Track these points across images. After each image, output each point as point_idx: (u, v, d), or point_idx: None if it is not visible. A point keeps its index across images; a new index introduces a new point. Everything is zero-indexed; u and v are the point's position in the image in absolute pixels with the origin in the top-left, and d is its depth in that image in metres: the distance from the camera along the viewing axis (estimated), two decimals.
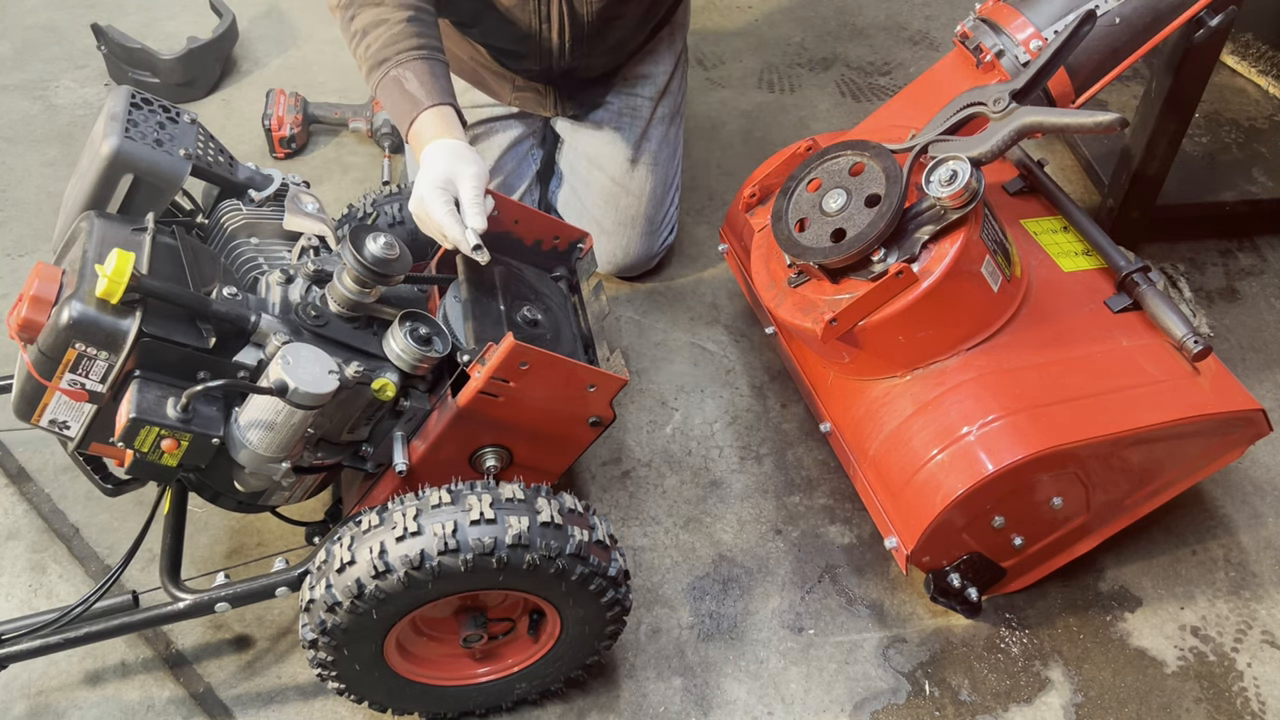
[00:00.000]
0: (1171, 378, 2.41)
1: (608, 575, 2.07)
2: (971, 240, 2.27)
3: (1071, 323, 2.50)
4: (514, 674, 2.31)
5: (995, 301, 2.41)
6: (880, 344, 2.43)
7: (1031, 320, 2.48)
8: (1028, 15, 2.51)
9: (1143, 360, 2.44)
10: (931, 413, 2.40)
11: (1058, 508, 2.39)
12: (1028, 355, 2.43)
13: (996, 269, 2.35)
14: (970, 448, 2.31)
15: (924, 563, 2.47)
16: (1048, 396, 2.35)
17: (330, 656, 2.05)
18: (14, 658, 2.15)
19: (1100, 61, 2.40)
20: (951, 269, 2.27)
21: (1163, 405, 2.35)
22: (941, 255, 2.28)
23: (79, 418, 1.98)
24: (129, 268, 1.81)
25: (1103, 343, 2.47)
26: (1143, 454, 2.41)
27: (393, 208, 2.68)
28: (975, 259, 2.30)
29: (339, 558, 1.94)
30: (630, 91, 3.17)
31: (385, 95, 2.41)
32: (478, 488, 2.00)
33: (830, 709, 2.45)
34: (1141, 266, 2.53)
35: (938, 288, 2.28)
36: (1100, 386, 2.37)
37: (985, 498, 2.32)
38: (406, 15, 2.42)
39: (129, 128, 2.17)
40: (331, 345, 2.03)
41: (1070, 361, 2.42)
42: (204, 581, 2.20)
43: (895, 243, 2.31)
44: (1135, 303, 2.54)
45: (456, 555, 1.91)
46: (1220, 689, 2.50)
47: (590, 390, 2.17)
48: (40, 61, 4.13)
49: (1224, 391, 2.43)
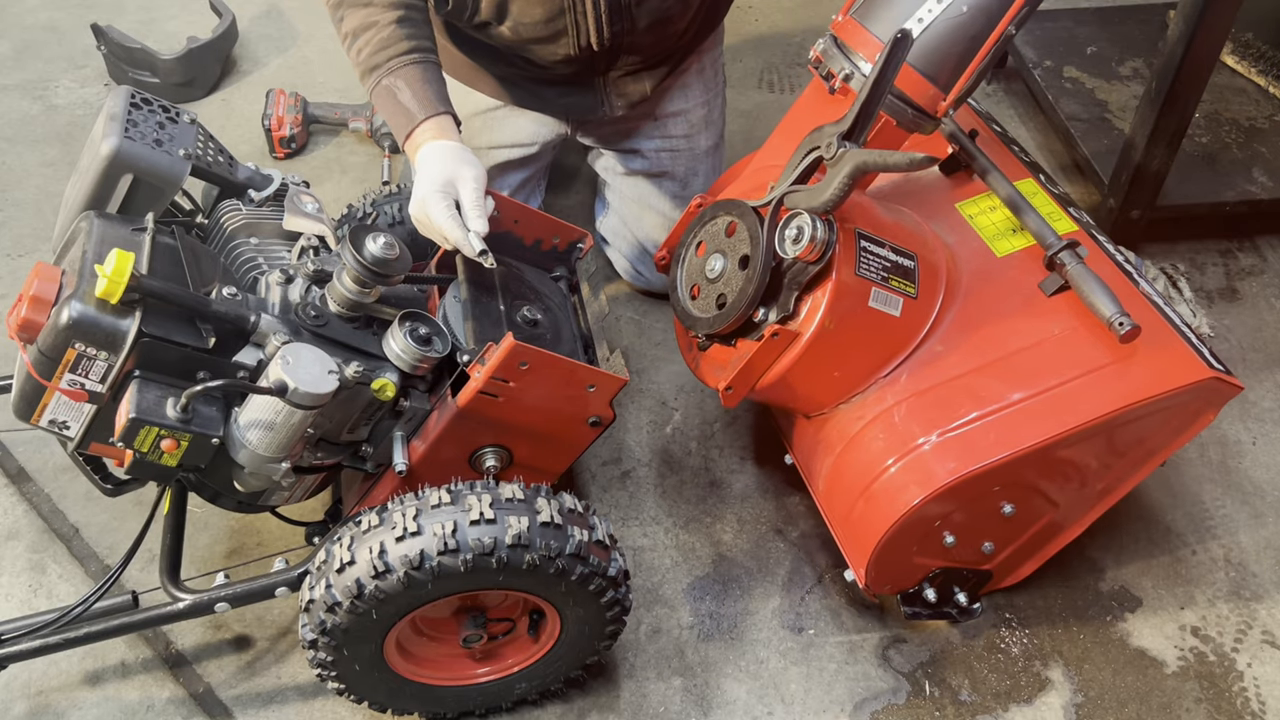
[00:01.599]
0: (1105, 365, 2.25)
1: (608, 575, 2.07)
2: (843, 286, 2.22)
3: (1002, 318, 2.38)
4: (514, 674, 2.31)
5: (900, 325, 2.34)
6: (791, 392, 2.42)
7: (959, 326, 2.39)
8: (871, 29, 2.32)
9: (1074, 350, 2.29)
10: (856, 448, 2.39)
11: (1011, 514, 2.34)
12: (950, 368, 2.34)
13: (891, 294, 2.29)
14: (891, 482, 2.28)
15: (887, 589, 2.48)
16: (965, 413, 2.26)
17: (330, 656, 2.05)
18: (14, 658, 2.15)
19: (961, 54, 2.25)
20: (826, 321, 2.25)
21: (1092, 401, 2.22)
22: (815, 308, 2.24)
23: (79, 418, 1.99)
24: (129, 268, 1.81)
25: (1034, 336, 2.33)
26: (1089, 448, 2.30)
27: (392, 208, 2.68)
28: (855, 300, 2.25)
29: (339, 558, 1.95)
30: (666, 134, 3.10)
31: (380, 104, 2.40)
32: (477, 488, 2.00)
33: (830, 709, 2.45)
34: (1069, 243, 2.34)
35: (816, 341, 2.26)
36: (1027, 389, 2.26)
37: (916, 529, 2.30)
38: (396, 16, 2.38)
39: (129, 128, 2.17)
40: (331, 345, 2.03)
41: (996, 365, 2.32)
42: (204, 581, 2.20)
43: (773, 300, 2.27)
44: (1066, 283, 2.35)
45: (456, 555, 1.91)
46: (1220, 689, 2.50)
47: (590, 390, 2.17)
48: (40, 61, 4.13)
49: (1164, 369, 2.23)
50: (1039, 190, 2.59)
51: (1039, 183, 2.61)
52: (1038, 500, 2.37)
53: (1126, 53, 3.84)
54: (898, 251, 2.32)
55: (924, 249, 2.40)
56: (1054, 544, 2.50)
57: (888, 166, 2.03)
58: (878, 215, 2.37)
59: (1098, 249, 2.45)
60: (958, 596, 2.51)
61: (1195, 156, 3.46)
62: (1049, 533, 2.47)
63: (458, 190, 2.25)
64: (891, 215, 2.42)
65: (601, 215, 3.36)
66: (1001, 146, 2.74)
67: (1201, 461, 2.94)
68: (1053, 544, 2.50)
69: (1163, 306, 2.32)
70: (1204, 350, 2.25)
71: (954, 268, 2.45)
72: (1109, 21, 3.98)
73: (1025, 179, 2.62)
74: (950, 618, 2.55)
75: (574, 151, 3.33)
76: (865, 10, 2.32)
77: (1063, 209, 2.54)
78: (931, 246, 2.43)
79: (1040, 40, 3.88)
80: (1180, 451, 2.93)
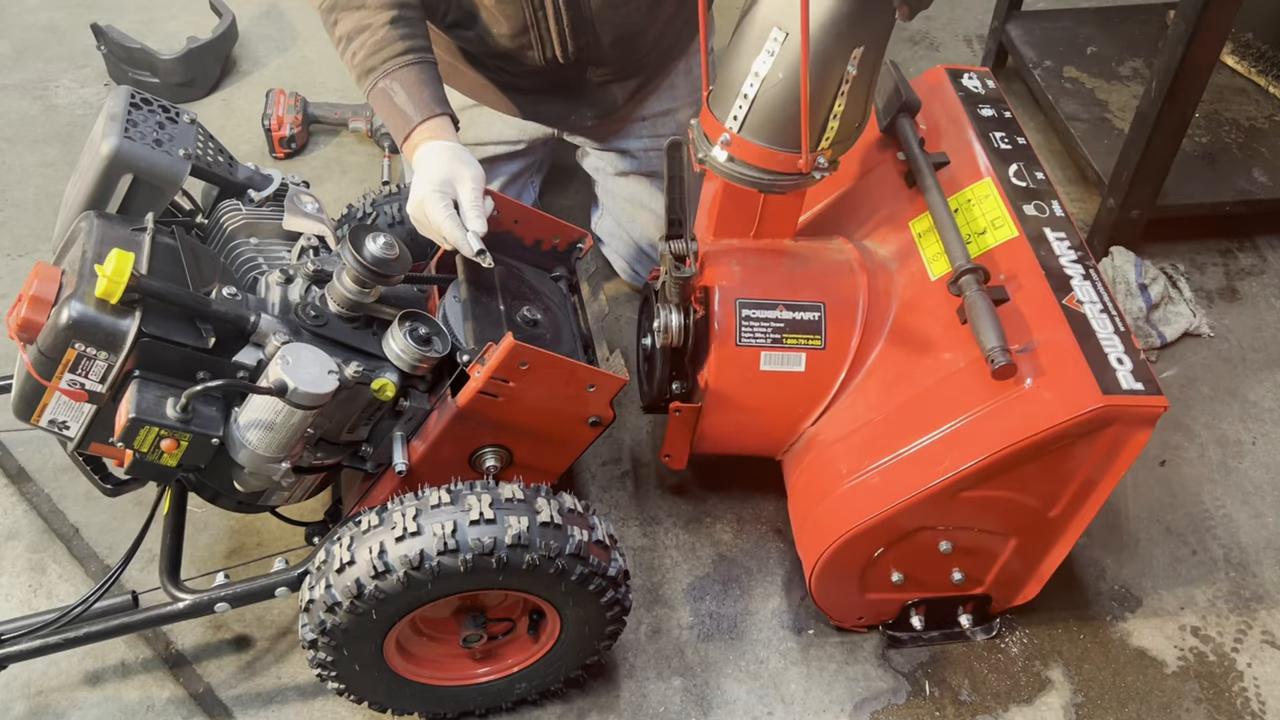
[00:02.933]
0: (991, 403, 2.15)
1: (607, 575, 2.07)
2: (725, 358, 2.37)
3: (919, 352, 2.33)
4: (514, 674, 2.31)
5: (807, 379, 2.41)
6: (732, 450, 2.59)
7: (881, 364, 2.40)
8: (717, 114, 2.31)
9: (970, 387, 2.19)
10: (795, 494, 2.51)
11: (951, 551, 2.31)
12: (866, 413, 2.36)
13: (789, 352, 2.36)
14: (808, 536, 2.40)
15: (859, 623, 2.54)
16: (865, 463, 2.28)
17: (330, 656, 2.05)
18: (14, 658, 2.15)
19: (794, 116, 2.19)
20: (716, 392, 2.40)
21: (975, 444, 2.12)
22: (704, 382, 2.41)
23: (78, 418, 1.99)
24: (128, 268, 1.81)
25: (941, 371, 2.26)
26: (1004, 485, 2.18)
27: (392, 208, 2.68)
28: (744, 367, 2.38)
29: (338, 558, 1.95)
30: (655, 134, 3.10)
31: (377, 106, 2.39)
32: (477, 488, 2.00)
33: (830, 709, 2.45)
34: (970, 267, 2.24)
35: (713, 411, 2.44)
36: (921, 433, 2.22)
37: (841, 575, 2.36)
38: (389, 17, 2.37)
39: (128, 128, 2.17)
40: (331, 345, 2.03)
41: (904, 408, 2.29)
42: (204, 581, 2.20)
43: (683, 376, 2.46)
44: None
45: (456, 555, 1.91)
46: (1220, 689, 2.50)
47: (590, 390, 2.17)
48: (40, 61, 4.13)
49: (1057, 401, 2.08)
50: (991, 192, 2.45)
51: (997, 182, 2.47)
52: (981, 535, 2.32)
53: (1126, 53, 3.84)
54: (796, 308, 2.39)
55: (836, 295, 2.43)
56: (1047, 562, 2.41)
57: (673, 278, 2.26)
58: (775, 275, 2.44)
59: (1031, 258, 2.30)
60: (961, 619, 2.50)
61: (1195, 156, 3.46)
62: (1029, 556, 2.39)
63: (456, 190, 2.24)
64: (798, 265, 2.48)
65: (596, 215, 3.36)
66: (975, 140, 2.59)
67: (1201, 461, 2.94)
68: (1046, 562, 2.41)
69: (1090, 320, 2.18)
70: (1120, 369, 2.10)
71: (882, 302, 2.45)
72: (1109, 21, 3.98)
73: (983, 180, 2.49)
74: (957, 638, 2.55)
75: (570, 151, 3.32)
76: (714, 94, 2.34)
77: (1013, 211, 2.39)
78: (848, 288, 2.45)
79: (1040, 40, 3.88)
80: (1180, 451, 2.93)
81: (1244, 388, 3.11)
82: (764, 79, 2.17)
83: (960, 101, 2.69)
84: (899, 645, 2.54)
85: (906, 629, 2.52)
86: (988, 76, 2.77)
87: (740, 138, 2.26)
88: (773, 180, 2.31)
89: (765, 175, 2.30)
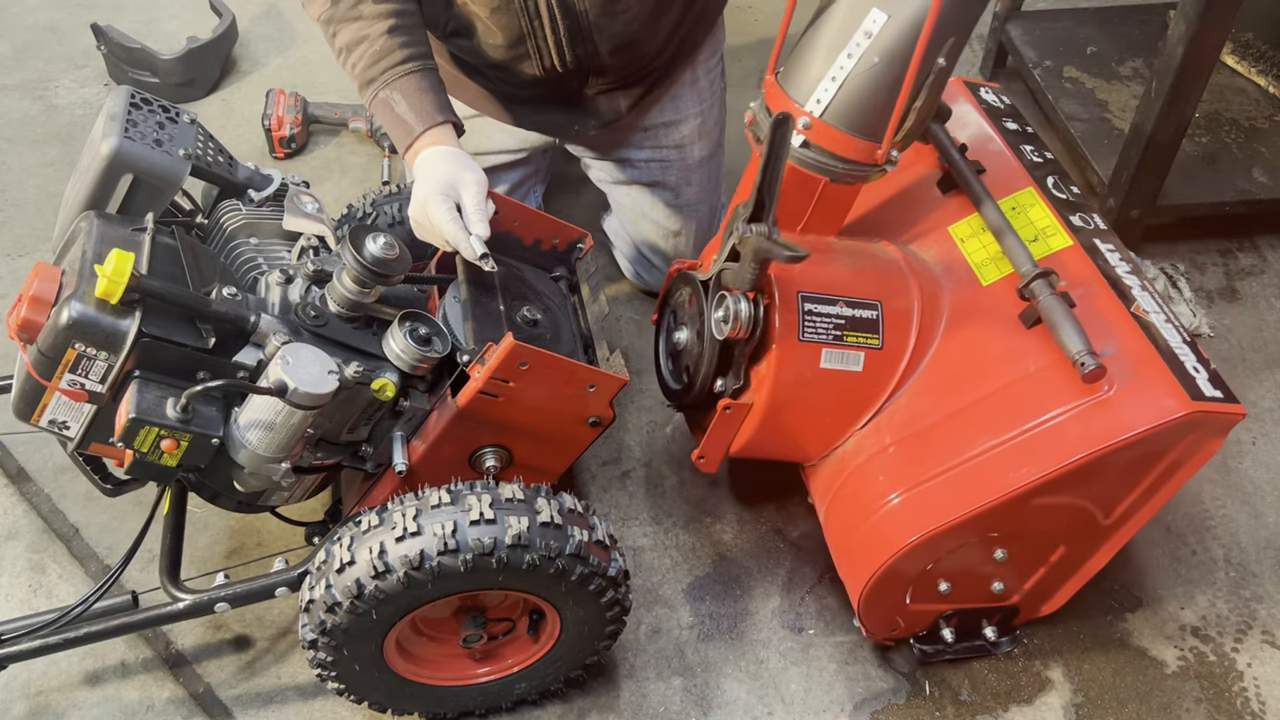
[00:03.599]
0: (1076, 406, 2.11)
1: (607, 575, 2.07)
2: (787, 354, 2.23)
3: (981, 356, 2.28)
4: (514, 674, 2.31)
5: (864, 380, 2.32)
6: (770, 454, 2.45)
7: (937, 367, 2.33)
8: (791, 93, 2.25)
9: (1047, 390, 2.16)
10: (839, 504, 2.38)
11: (1005, 559, 2.28)
12: (924, 415, 2.29)
13: (849, 350, 2.27)
14: (865, 541, 2.28)
15: (895, 635, 2.47)
16: (931, 467, 2.21)
17: (330, 656, 2.05)
18: (14, 658, 2.15)
19: (883, 104, 2.17)
20: (775, 390, 2.25)
21: (1059, 448, 2.08)
22: (762, 379, 2.26)
23: (78, 418, 1.99)
24: (128, 268, 1.81)
25: (1009, 375, 2.22)
26: (1073, 493, 2.17)
27: (392, 207, 2.68)
28: (804, 364, 2.25)
29: (339, 558, 1.95)
30: (657, 145, 3.06)
31: (379, 117, 2.39)
32: (477, 488, 2.00)
33: (830, 709, 2.45)
34: (1041, 272, 2.22)
35: (769, 411, 2.29)
36: (995, 436, 2.16)
37: (895, 584, 2.28)
38: (387, 26, 2.35)
39: (128, 128, 2.17)
40: (331, 345, 2.03)
41: (968, 411, 2.23)
42: (204, 581, 2.20)
43: (728, 370, 2.30)
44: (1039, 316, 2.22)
45: (456, 555, 1.91)
46: (1220, 689, 2.51)
47: (590, 390, 2.17)
48: (40, 61, 4.13)
49: (1141, 407, 2.06)
50: (1037, 201, 2.46)
51: (1039, 191, 2.48)
52: (1034, 544, 2.31)
53: (1126, 53, 3.84)
54: (855, 304, 2.29)
55: (891, 294, 2.35)
56: (1081, 574, 2.42)
57: (780, 258, 2.04)
58: (832, 269, 2.35)
59: (1090, 266, 2.31)
60: (986, 631, 2.47)
61: (1195, 156, 3.46)
62: (1069, 566, 2.39)
63: (459, 193, 2.24)
64: (852, 262, 2.39)
65: (606, 215, 3.36)
66: (1007, 150, 2.61)
67: None
68: (1079, 574, 2.42)
69: (1158, 329, 2.19)
70: (1199, 377, 2.10)
71: (934, 305, 2.38)
72: (1109, 21, 3.98)
73: (1025, 188, 2.50)
74: (981, 652, 2.52)
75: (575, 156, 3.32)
76: (786, 73, 2.28)
77: (1062, 220, 2.41)
78: (902, 289, 2.38)
79: (1040, 40, 3.88)
80: None
81: (1244, 388, 3.11)
82: (857, 62, 2.14)
83: (985, 114, 2.70)
84: (929, 659, 2.51)
85: (937, 642, 2.47)
86: (1002, 92, 2.80)
87: (822, 122, 2.20)
88: (846, 169, 2.26)
89: (840, 164, 2.25)
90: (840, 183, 2.31)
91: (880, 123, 2.19)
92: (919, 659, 2.51)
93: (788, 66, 2.28)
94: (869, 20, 2.10)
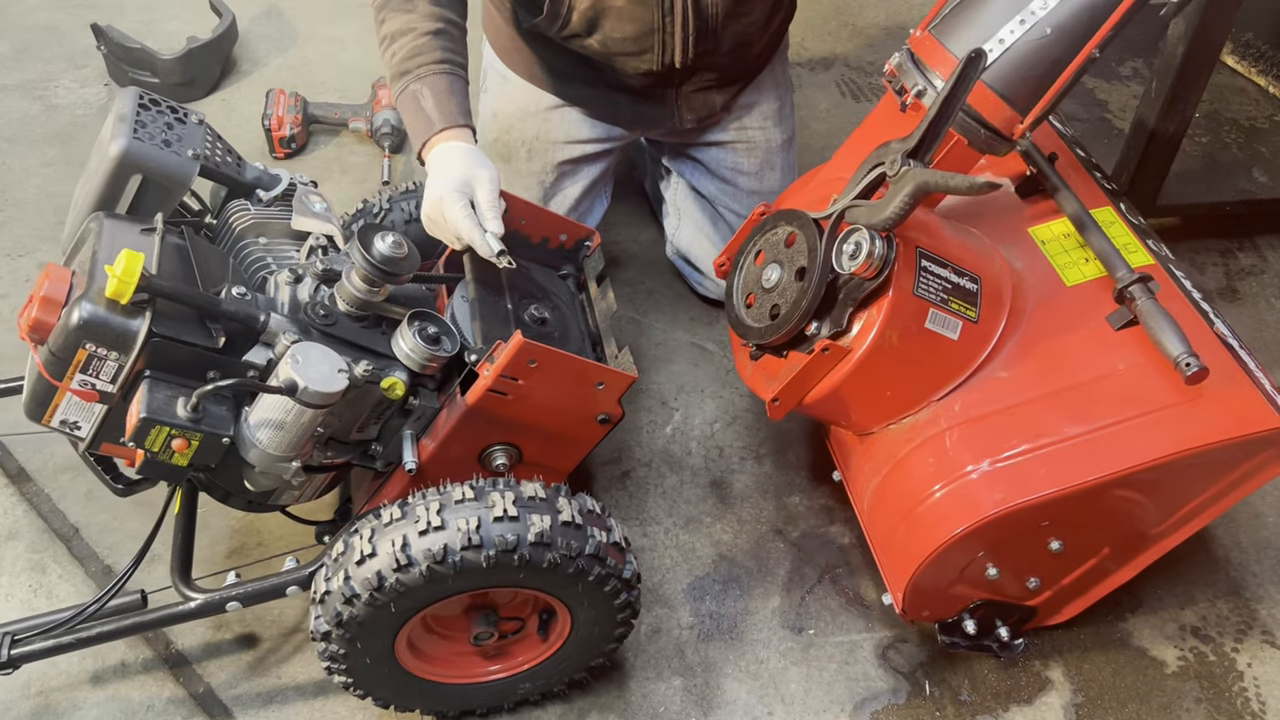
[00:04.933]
0: (1168, 406, 2.14)
1: (622, 577, 2.10)
2: (900, 305, 2.17)
3: (1066, 348, 2.31)
4: (519, 674, 2.32)
5: (957, 349, 2.29)
6: (839, 410, 2.37)
7: (1021, 353, 2.32)
8: (949, 46, 2.27)
9: (1138, 388, 2.18)
10: (903, 471, 2.33)
11: (1059, 551, 2.27)
12: (1007, 396, 2.27)
13: (950, 316, 2.24)
14: (935, 508, 2.23)
15: (924, 616, 2.44)
16: (1018, 443, 2.19)
17: (342, 649, 2.05)
18: (27, 658, 2.16)
19: (1041, 77, 2.19)
20: (880, 340, 2.19)
21: (1151, 442, 2.11)
22: (869, 325, 2.19)
23: (90, 418, 1.99)
24: (138, 268, 1.81)
25: (1096, 369, 2.24)
26: (1146, 490, 2.20)
27: (409, 204, 2.67)
28: (911, 319, 2.20)
29: (359, 550, 1.96)
30: (741, 124, 3.10)
31: (403, 108, 2.42)
32: (500, 485, 2.02)
33: (830, 709, 2.46)
34: (1140, 277, 2.25)
35: (868, 359, 2.21)
36: (1085, 424, 2.17)
37: (957, 558, 2.25)
38: (434, 28, 2.41)
39: (137, 128, 2.17)
40: (340, 344, 2.04)
41: (1054, 397, 2.24)
42: (210, 581, 2.21)
43: (826, 314, 2.24)
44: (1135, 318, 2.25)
45: (479, 551, 1.92)
46: (1220, 689, 2.52)
47: (599, 388, 2.18)
48: (40, 61, 4.12)
49: (1231, 414, 2.12)
50: (1116, 220, 2.53)
51: (1118, 212, 2.55)
52: (1088, 539, 2.31)
53: (1126, 53, 3.85)
54: (960, 273, 2.28)
55: (989, 272, 2.35)
56: (1103, 585, 2.44)
57: (950, 188, 1.98)
58: (943, 235, 2.33)
59: (1172, 285, 2.38)
60: (1000, 630, 2.46)
61: (1195, 156, 3.48)
62: (1098, 573, 2.41)
63: (474, 189, 2.26)
64: (958, 236, 2.39)
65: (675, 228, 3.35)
66: (1083, 172, 2.68)
67: None
68: (1102, 585, 2.44)
69: (1238, 350, 2.24)
70: (1277, 396, 2.16)
71: (1020, 293, 2.39)
72: None
73: (1104, 207, 2.56)
74: (990, 651, 2.51)
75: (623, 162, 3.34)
76: (944, 27, 2.29)
77: (1140, 241, 2.48)
78: (998, 270, 2.38)
79: None
80: None
81: None
82: (1029, 29, 2.14)
83: (1060, 137, 2.76)
84: (946, 649, 2.50)
85: (957, 633, 2.46)
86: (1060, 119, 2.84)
87: (980, 81, 2.16)
88: (986, 136, 2.26)
89: (983, 129, 2.25)
90: (974, 148, 2.31)
91: (1033, 96, 2.20)
92: (944, 646, 2.48)
93: (949, 20, 2.29)
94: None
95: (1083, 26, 2.12)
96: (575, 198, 3.12)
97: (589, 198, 3.18)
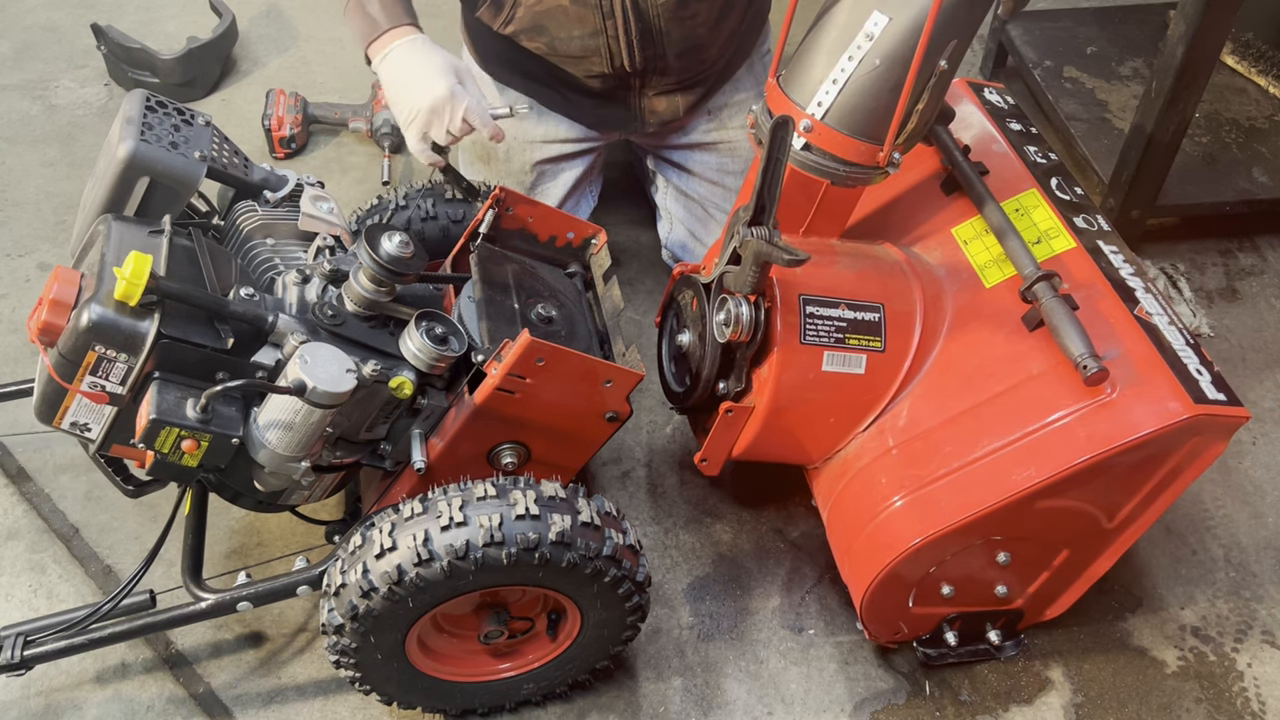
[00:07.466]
0: (1079, 409, 2.11)
1: (636, 580, 2.11)
2: (789, 357, 2.24)
3: (984, 358, 2.29)
4: (525, 673, 2.33)
5: (866, 382, 2.32)
6: (772, 455, 2.45)
7: (940, 370, 2.33)
8: (792, 96, 2.26)
9: (1050, 393, 2.16)
10: (841, 507, 2.39)
11: (1008, 562, 2.29)
12: (926, 418, 2.29)
13: (851, 353, 2.27)
14: (868, 543, 2.28)
15: (901, 636, 2.47)
16: (934, 469, 2.21)
17: (354, 643, 2.06)
18: (40, 659, 2.17)
19: (885, 107, 2.16)
20: (776, 393, 2.26)
21: (1062, 452, 2.09)
22: (763, 382, 2.27)
23: (99, 420, 1.99)
24: (147, 270, 1.82)
25: (1012, 377, 2.22)
26: (1077, 496, 2.17)
27: (426, 202, 2.66)
28: (806, 367, 2.26)
29: (378, 543, 1.97)
30: (720, 125, 3.10)
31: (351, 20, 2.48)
32: (521, 483, 2.04)
33: (830, 709, 2.46)
34: (1043, 274, 2.22)
35: (772, 413, 2.29)
36: (997, 439, 2.17)
37: (898, 587, 2.29)
38: None
39: (144, 131, 2.17)
40: (348, 344, 2.04)
41: (972, 414, 2.24)
42: (217, 581, 2.22)
43: (729, 373, 2.31)
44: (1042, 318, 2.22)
45: (501, 548, 1.94)
46: (1220, 689, 2.53)
47: (607, 386, 2.18)
48: (40, 61, 4.11)
49: (1144, 410, 2.07)
50: (1040, 203, 2.47)
51: (1042, 192, 2.49)
52: (1040, 546, 2.31)
53: (1126, 53, 3.85)
54: (857, 307, 2.30)
55: (893, 297, 2.36)
56: (1084, 578, 2.42)
57: (782, 262, 2.04)
58: (834, 271, 2.35)
59: (1093, 267, 2.32)
60: (990, 635, 2.48)
61: (1195, 156, 3.48)
62: (1072, 569, 2.39)
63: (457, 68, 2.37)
64: (857, 265, 2.40)
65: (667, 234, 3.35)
66: (1011, 152, 2.63)
67: None
68: (1082, 578, 2.42)
69: (1162, 332, 2.19)
70: (1202, 379, 2.11)
71: (937, 308, 2.39)
72: (1109, 21, 4.00)
73: (1028, 190, 2.51)
74: (984, 656, 2.53)
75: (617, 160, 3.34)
76: (787, 76, 2.29)
77: (1065, 222, 2.42)
78: (904, 291, 2.39)
79: (1040, 40, 3.90)
80: None
81: (1244, 388, 3.13)
82: (858, 65, 2.14)
83: (988, 114, 2.72)
84: (932, 662, 2.51)
85: (940, 645, 2.48)
86: (1005, 92, 2.81)
87: (823, 125, 2.21)
88: (849, 172, 2.27)
89: (842, 166, 2.26)
90: (842, 185, 2.32)
91: (882, 125, 2.19)
92: (921, 661, 2.51)
93: (789, 69, 2.29)
94: (870, 23, 2.11)
95: (906, 49, 2.10)
96: (558, 198, 3.14)
97: (572, 198, 3.19)
